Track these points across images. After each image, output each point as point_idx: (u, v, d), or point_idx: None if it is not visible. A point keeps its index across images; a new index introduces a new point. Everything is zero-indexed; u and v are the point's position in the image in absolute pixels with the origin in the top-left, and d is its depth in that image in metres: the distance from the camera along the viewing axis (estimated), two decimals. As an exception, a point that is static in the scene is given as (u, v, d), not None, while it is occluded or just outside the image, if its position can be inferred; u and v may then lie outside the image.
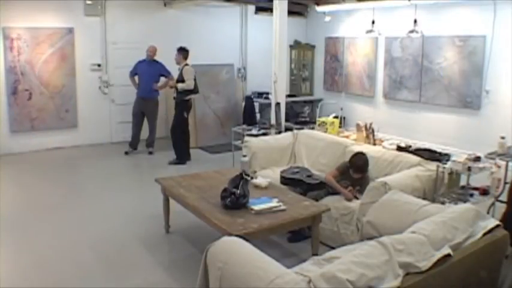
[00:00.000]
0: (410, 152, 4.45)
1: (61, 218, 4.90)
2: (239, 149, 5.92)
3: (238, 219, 3.38)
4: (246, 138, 5.68)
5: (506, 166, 4.37)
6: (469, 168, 3.88)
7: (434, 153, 4.33)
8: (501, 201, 4.09)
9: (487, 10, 6.86)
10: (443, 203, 3.69)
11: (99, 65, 8.21)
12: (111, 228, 4.60)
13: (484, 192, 4.01)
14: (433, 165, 4.06)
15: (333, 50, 9.70)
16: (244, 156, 4.88)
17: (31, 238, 4.38)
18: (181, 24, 8.89)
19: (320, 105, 9.21)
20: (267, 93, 8.60)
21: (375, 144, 4.98)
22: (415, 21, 7.26)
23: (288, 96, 7.88)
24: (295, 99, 9.54)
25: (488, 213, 3.81)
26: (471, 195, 3.95)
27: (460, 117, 7.43)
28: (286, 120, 6.81)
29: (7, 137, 7.50)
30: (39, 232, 4.51)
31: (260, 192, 3.95)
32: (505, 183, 4.20)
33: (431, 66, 7.77)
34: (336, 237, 4.01)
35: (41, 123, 7.75)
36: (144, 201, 5.28)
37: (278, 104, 6.60)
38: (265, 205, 3.59)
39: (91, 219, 4.88)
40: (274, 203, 3.64)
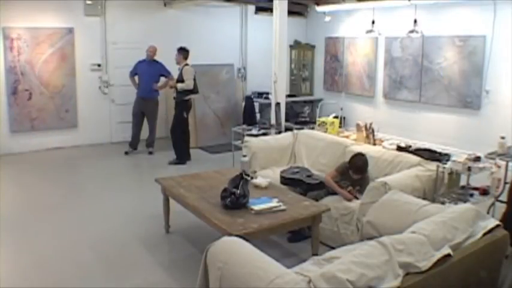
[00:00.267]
0: (410, 152, 4.45)
1: (61, 218, 4.90)
2: (239, 149, 5.92)
3: (238, 219, 3.38)
4: (246, 138, 5.68)
5: (506, 166, 4.37)
6: (469, 168, 3.88)
7: (434, 153, 4.33)
8: (501, 201, 4.09)
9: (487, 10, 6.86)
10: (443, 203, 3.69)
11: (99, 65, 8.21)
12: (111, 228, 4.60)
13: (484, 192, 4.01)
14: (433, 165, 4.06)
15: (333, 50, 9.70)
16: (244, 156, 4.87)
17: (31, 238, 4.38)
18: (181, 24, 8.89)
19: (320, 105, 9.22)
20: (267, 93, 8.60)
21: (375, 144, 4.98)
22: (415, 21, 7.26)
23: (288, 96, 7.88)
24: (295, 99, 9.54)
25: (488, 213, 3.81)
26: (471, 195, 3.95)
27: (460, 117, 7.44)
28: (286, 120, 6.81)
29: (7, 137, 7.50)
30: (39, 232, 4.51)
31: (260, 192, 3.95)
32: (505, 183, 4.20)
33: (431, 66, 7.77)
34: (336, 237, 4.01)
35: (41, 123, 7.75)
36: (144, 201, 5.28)
37: (278, 104, 6.61)
38: (265, 205, 3.59)
39: (91, 219, 4.88)
40: (274, 203, 3.64)
